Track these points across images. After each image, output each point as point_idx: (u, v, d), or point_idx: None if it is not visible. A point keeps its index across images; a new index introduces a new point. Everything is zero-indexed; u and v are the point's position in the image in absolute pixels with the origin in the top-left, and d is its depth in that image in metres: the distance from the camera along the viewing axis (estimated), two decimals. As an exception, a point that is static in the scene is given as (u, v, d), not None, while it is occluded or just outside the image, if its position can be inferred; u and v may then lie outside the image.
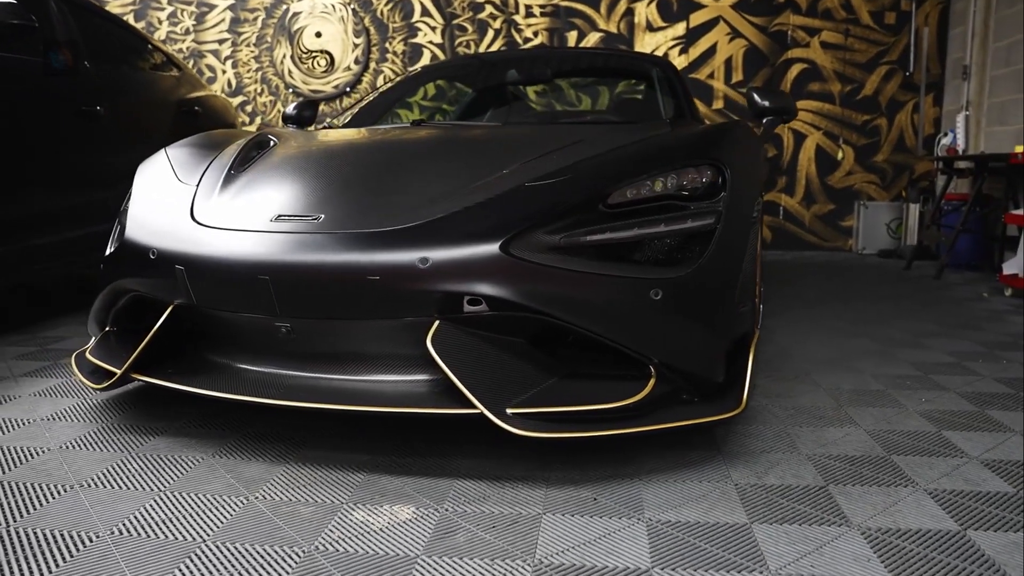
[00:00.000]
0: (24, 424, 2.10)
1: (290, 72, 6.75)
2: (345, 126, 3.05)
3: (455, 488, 1.70)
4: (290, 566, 1.37)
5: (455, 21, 6.67)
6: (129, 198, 2.33)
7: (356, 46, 6.70)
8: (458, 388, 1.60)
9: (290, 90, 6.78)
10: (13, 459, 1.86)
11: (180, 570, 1.36)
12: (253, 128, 6.80)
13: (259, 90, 6.81)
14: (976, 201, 4.86)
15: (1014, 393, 2.44)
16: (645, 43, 6.54)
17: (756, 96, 2.70)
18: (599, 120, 3.01)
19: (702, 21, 6.44)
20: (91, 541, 1.46)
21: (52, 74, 3.23)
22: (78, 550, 1.43)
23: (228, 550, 1.43)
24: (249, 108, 6.82)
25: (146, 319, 2.21)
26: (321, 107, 6.79)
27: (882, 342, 3.13)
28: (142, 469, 1.80)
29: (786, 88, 6.46)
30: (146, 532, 1.50)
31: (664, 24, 6.50)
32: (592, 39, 6.63)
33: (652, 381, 1.72)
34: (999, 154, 4.62)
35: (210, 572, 1.36)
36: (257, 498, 1.65)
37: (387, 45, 6.73)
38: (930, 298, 4.22)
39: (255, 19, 6.75)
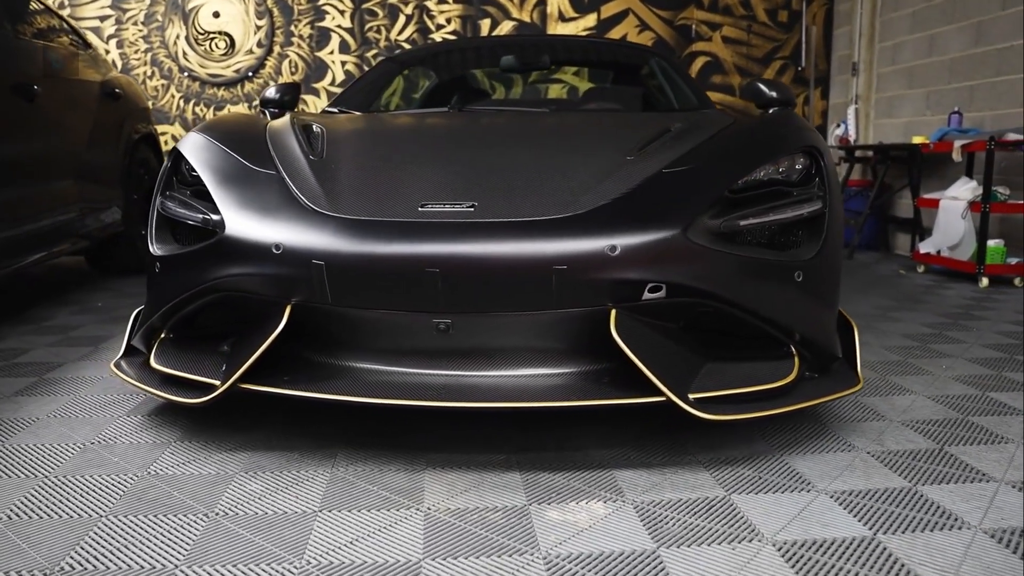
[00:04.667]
0: (77, 449, 1.82)
1: (185, 54, 6.21)
2: (342, 111, 2.86)
3: (622, 479, 1.67)
4: (532, 570, 1.30)
5: (365, 5, 6.42)
6: (162, 185, 2.07)
7: (259, 28, 6.27)
8: (643, 376, 1.57)
9: (185, 74, 6.24)
10: (104, 490, 1.61)
11: (422, 591, 1.25)
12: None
13: (149, 73, 6.21)
14: (880, 187, 5.35)
15: (1008, 357, 2.74)
16: (557, 33, 6.62)
17: (763, 87, 2.78)
18: (606, 108, 3.02)
19: (612, 13, 6.61)
20: (292, 574, 1.30)
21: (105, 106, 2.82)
22: (286, 583, 1.27)
23: (457, 567, 1.32)
24: (137, 92, 6.20)
25: (202, 322, 2.00)
26: (221, 92, 6.31)
27: (860, 317, 3.38)
28: (270, 489, 1.62)
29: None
30: (348, 557, 1.35)
31: (576, 15, 6.61)
32: (505, 27, 6.62)
33: (797, 361, 1.78)
34: (904, 144, 5.12)
35: (456, 589, 1.25)
36: (431, 509, 1.53)
37: (292, 28, 6.35)
38: (861, 277, 4.61)
39: (142, -6, 6.14)
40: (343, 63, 6.42)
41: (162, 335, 1.94)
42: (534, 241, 1.55)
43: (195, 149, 2.04)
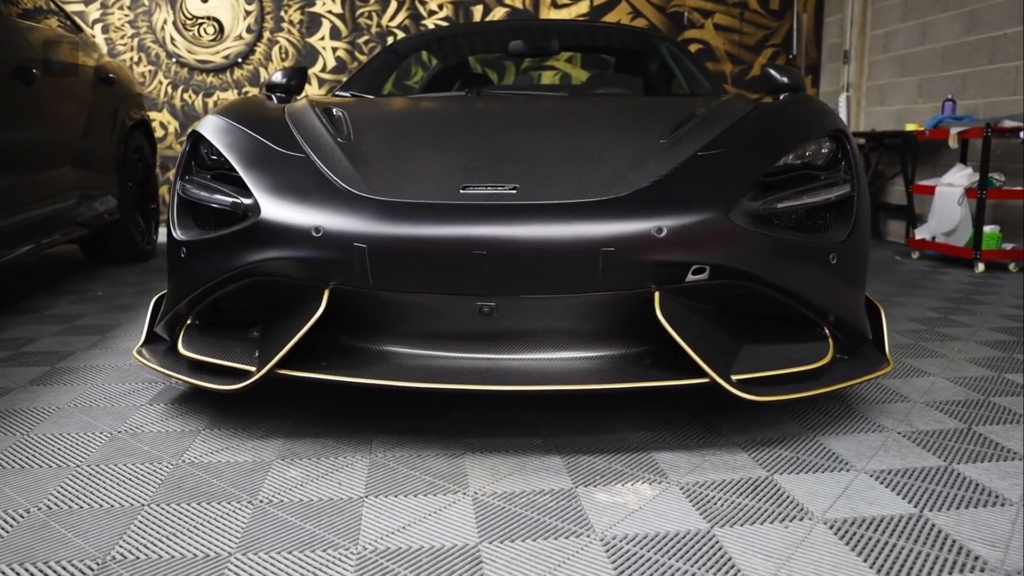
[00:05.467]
0: (105, 438, 1.79)
1: (172, 40, 6.10)
2: (355, 95, 2.83)
3: (662, 461, 1.67)
4: (601, 557, 1.29)
5: (356, -10, 6.34)
6: (181, 169, 2.03)
7: (248, 13, 6.17)
8: (686, 357, 1.57)
9: (173, 60, 6.12)
10: (140, 478, 1.58)
11: None
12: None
13: (136, 59, 6.09)
14: (873, 174, 5.40)
15: (1016, 340, 2.78)
16: (550, 18, 6.59)
17: (774, 73, 2.76)
18: (620, 93, 3.00)
19: (605, 0, 6.59)
20: (349, 560, 1.29)
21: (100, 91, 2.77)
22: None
23: (516, 551, 1.32)
24: (124, 78, 6.08)
25: (226, 308, 1.97)
26: (210, 78, 6.21)
27: (866, 301, 3.42)
28: (311, 476, 1.60)
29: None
30: (404, 542, 1.34)
31: (568, 2, 6.58)
32: (498, 14, 6.58)
33: (831, 342, 1.79)
34: (898, 131, 5.17)
35: (519, 573, 1.25)
36: (478, 493, 1.52)
37: (282, 13, 6.26)
38: (856, 261, 4.65)
39: (128, -22, 6.02)
40: (334, 49, 6.34)
41: (187, 322, 1.91)
42: (581, 223, 1.54)
43: (217, 132, 2.00)
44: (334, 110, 2.22)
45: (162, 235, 5.45)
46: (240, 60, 6.22)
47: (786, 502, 1.49)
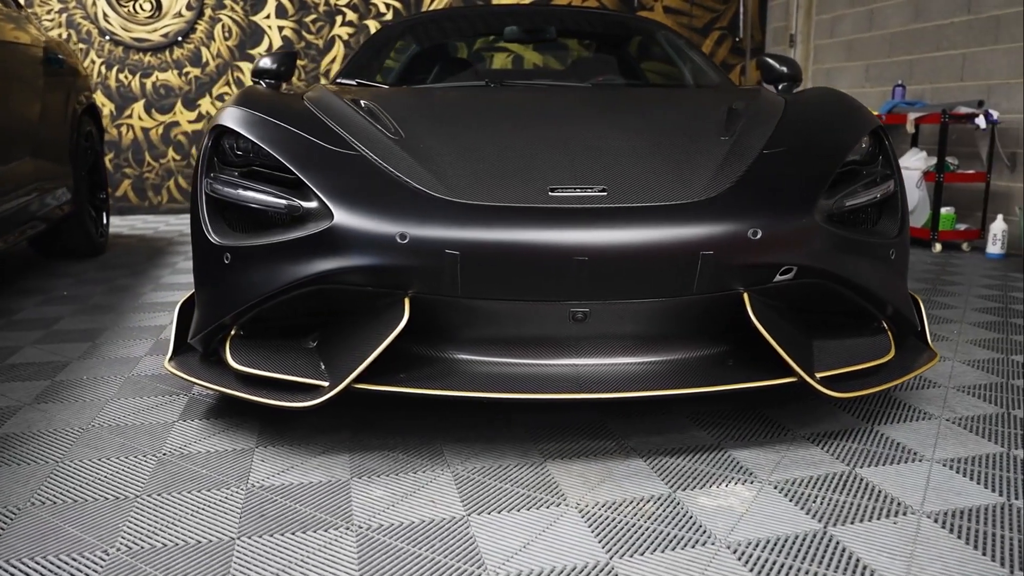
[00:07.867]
0: (152, 462, 1.66)
1: (105, 16, 5.69)
2: (362, 84, 2.70)
3: (742, 459, 1.68)
4: (736, 565, 1.29)
5: (301, -34, 6.07)
6: (205, 166, 1.88)
7: (187, -12, 5.83)
8: (771, 357, 1.58)
9: (106, 37, 5.72)
10: (216, 507, 1.47)
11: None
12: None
13: (65, 36, 5.66)
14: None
15: (1003, 320, 2.94)
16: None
17: (773, 63, 2.79)
18: (635, 83, 2.98)
19: (557, -19, 6.54)
20: (484, 582, 1.24)
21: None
22: (485, 595, 1.21)
23: (648, 565, 1.29)
24: (51, 57, 5.65)
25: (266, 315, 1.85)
26: (148, 58, 5.84)
27: (849, 283, 3.54)
28: (398, 495, 1.53)
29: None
30: (532, 564, 1.30)
31: (520, -18, 6.49)
32: (449, -6, 6.43)
33: (891, 336, 1.83)
34: (851, 115, 5.34)
35: (661, 588, 1.23)
36: (580, 504, 1.49)
37: (224, -11, 5.94)
38: (819, 242, 4.81)
39: (52, -52, 5.57)
40: (280, 28, 6.07)
41: (232, 332, 1.78)
42: (680, 226, 1.52)
43: (248, 126, 1.85)
44: (362, 101, 2.11)
45: (113, 226, 5.13)
46: (180, 39, 5.87)
47: (882, 497, 1.52)
